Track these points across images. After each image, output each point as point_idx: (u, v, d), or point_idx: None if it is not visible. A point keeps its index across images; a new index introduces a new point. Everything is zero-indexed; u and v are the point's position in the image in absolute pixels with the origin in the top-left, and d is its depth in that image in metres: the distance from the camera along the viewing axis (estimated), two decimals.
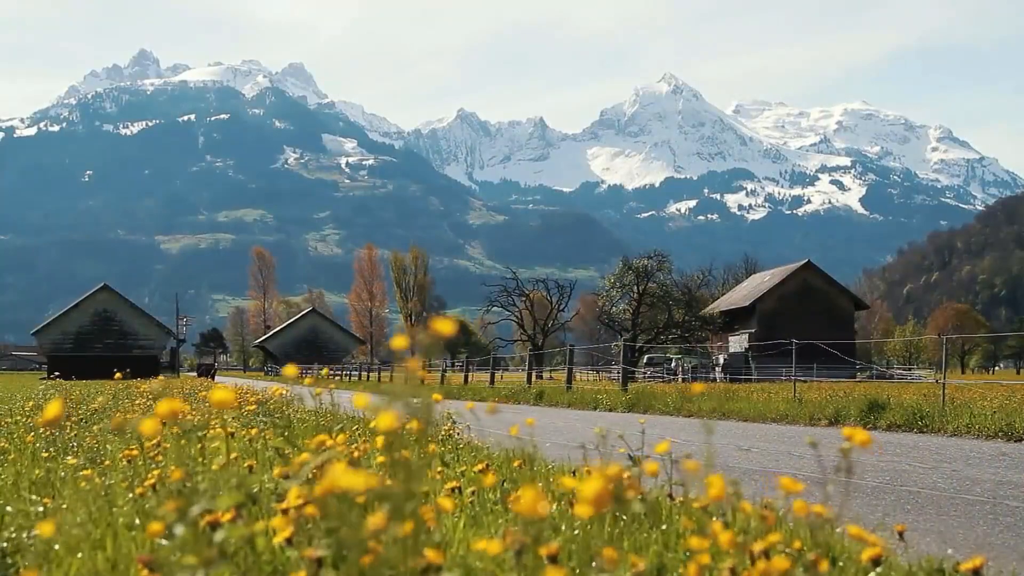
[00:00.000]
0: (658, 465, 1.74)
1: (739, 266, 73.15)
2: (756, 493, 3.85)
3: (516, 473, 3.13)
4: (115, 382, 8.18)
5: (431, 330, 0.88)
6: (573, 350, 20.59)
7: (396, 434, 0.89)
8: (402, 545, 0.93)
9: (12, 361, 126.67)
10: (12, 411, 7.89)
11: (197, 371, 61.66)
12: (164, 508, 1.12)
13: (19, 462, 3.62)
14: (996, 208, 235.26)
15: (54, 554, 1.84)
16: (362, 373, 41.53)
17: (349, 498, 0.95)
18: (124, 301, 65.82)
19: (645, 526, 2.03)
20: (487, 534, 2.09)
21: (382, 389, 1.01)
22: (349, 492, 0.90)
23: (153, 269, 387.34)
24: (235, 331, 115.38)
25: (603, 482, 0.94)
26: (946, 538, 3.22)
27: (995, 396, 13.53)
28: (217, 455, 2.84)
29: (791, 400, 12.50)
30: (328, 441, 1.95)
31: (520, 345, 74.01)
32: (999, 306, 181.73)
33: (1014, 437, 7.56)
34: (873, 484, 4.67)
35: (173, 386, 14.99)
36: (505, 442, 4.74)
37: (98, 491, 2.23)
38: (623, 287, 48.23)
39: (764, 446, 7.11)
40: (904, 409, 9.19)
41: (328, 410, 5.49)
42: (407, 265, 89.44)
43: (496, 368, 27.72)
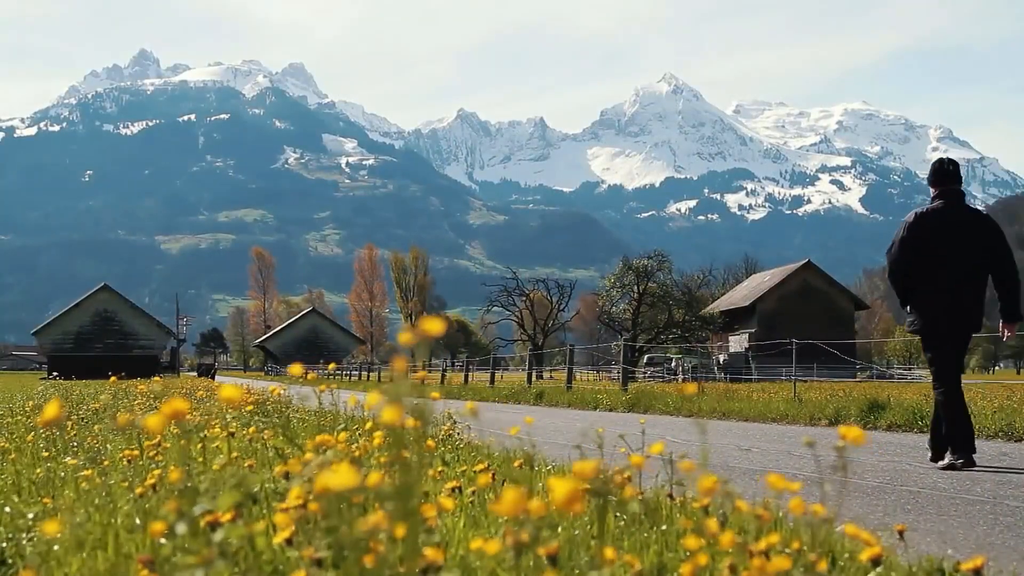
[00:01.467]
0: (643, 459, 1.75)
1: (739, 266, 73.17)
2: (756, 493, 3.85)
3: (516, 473, 3.13)
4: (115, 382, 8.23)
5: (420, 329, 0.89)
6: (573, 350, 20.59)
7: (396, 431, 0.90)
8: (401, 545, 0.93)
9: (12, 361, 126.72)
10: (12, 411, 7.89)
11: (197, 371, 61.66)
12: (164, 508, 1.13)
13: (19, 462, 3.62)
14: (996, 208, 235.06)
15: (54, 554, 1.84)
16: (362, 373, 41.57)
17: (348, 497, 0.95)
18: (124, 301, 65.85)
19: (645, 526, 2.03)
20: (487, 534, 2.09)
21: (381, 388, 1.01)
22: (346, 492, 0.91)
23: (153, 269, 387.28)
24: (235, 331, 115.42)
25: (576, 483, 0.95)
26: (946, 538, 3.22)
27: (995, 396, 13.54)
28: (218, 455, 2.84)
29: (791, 400, 12.50)
30: (329, 440, 1.95)
31: (520, 345, 74.03)
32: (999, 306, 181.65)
33: (1014, 437, 7.56)
34: (873, 484, 4.67)
35: (172, 386, 15.00)
36: (506, 442, 4.74)
37: (98, 491, 2.23)
38: (623, 287, 48.23)
39: (764, 446, 7.12)
40: (904, 409, 9.20)
41: (328, 409, 5.49)
42: (407, 265, 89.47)
43: (496, 368, 27.72)
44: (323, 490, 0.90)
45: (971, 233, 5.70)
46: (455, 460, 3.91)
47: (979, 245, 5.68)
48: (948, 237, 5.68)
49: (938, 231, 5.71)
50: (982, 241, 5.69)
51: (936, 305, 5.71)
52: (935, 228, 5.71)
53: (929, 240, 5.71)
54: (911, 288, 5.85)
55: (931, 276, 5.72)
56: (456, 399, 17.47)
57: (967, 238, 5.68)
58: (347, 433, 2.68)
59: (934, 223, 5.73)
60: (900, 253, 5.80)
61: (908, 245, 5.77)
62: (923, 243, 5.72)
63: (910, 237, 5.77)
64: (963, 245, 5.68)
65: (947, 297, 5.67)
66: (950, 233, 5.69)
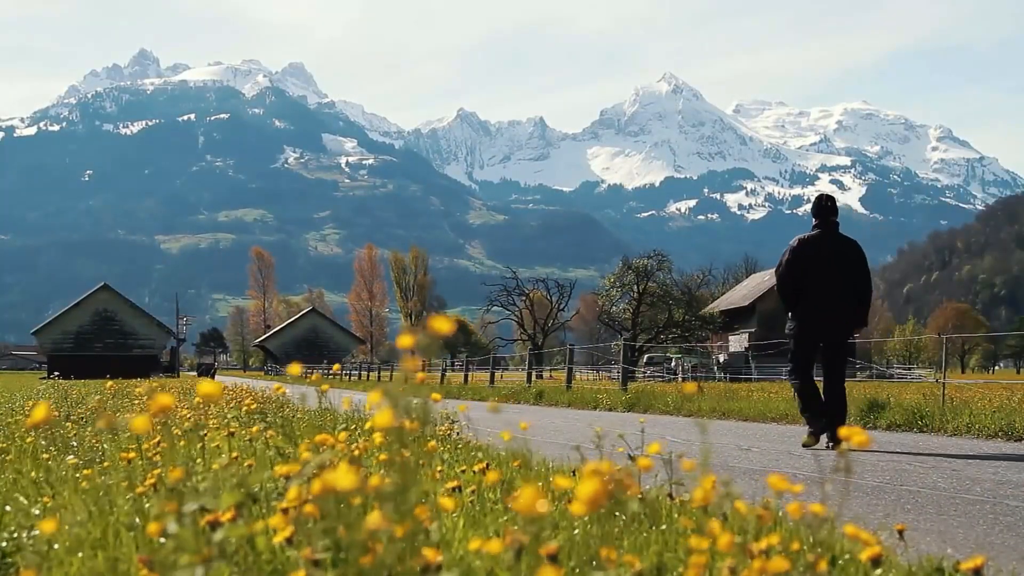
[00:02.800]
0: (652, 462, 1.75)
1: (739, 266, 73.14)
2: (757, 493, 3.85)
3: (516, 473, 3.13)
4: (114, 381, 8.24)
5: (429, 329, 0.88)
6: (573, 350, 20.58)
7: (395, 432, 0.89)
8: (401, 545, 0.93)
9: (12, 361, 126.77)
10: (12, 411, 7.89)
11: (197, 371, 61.73)
12: (164, 508, 1.12)
13: (19, 462, 3.62)
14: (996, 208, 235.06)
15: (54, 554, 1.84)
16: (362, 373, 41.58)
17: (346, 498, 0.94)
18: (124, 301, 65.85)
19: (645, 525, 2.03)
20: (487, 534, 2.09)
21: (380, 388, 1.02)
22: (345, 492, 0.91)
23: (153, 269, 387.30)
24: (235, 331, 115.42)
25: (600, 482, 0.94)
26: (946, 538, 3.22)
27: (995, 396, 13.53)
28: (219, 455, 2.85)
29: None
30: (328, 439, 1.95)
31: (520, 345, 74.03)
32: (999, 306, 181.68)
33: (1014, 437, 7.56)
34: (873, 484, 4.67)
35: (166, 388, 15.00)
36: (505, 442, 4.73)
37: (98, 490, 2.23)
38: (623, 287, 48.24)
39: (765, 446, 7.12)
40: (904, 409, 9.19)
41: (327, 408, 5.49)
42: (407, 265, 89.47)
43: (496, 368, 27.71)
44: (321, 490, 0.90)
45: (843, 258, 6.90)
46: (455, 460, 3.91)
47: (848, 268, 6.89)
48: (824, 260, 6.88)
49: (816, 255, 6.90)
50: (851, 265, 6.90)
51: (813, 315, 6.90)
52: (814, 253, 6.91)
53: (810, 262, 6.89)
54: (795, 300, 7.00)
55: (810, 291, 6.88)
56: (456, 399, 17.48)
57: (839, 262, 6.88)
58: (347, 432, 2.68)
59: (813, 248, 6.92)
60: (786, 272, 7.01)
61: (792, 265, 6.97)
62: (804, 264, 6.90)
63: (794, 259, 6.97)
64: (836, 267, 6.88)
65: (822, 309, 6.86)
66: (826, 257, 6.88)
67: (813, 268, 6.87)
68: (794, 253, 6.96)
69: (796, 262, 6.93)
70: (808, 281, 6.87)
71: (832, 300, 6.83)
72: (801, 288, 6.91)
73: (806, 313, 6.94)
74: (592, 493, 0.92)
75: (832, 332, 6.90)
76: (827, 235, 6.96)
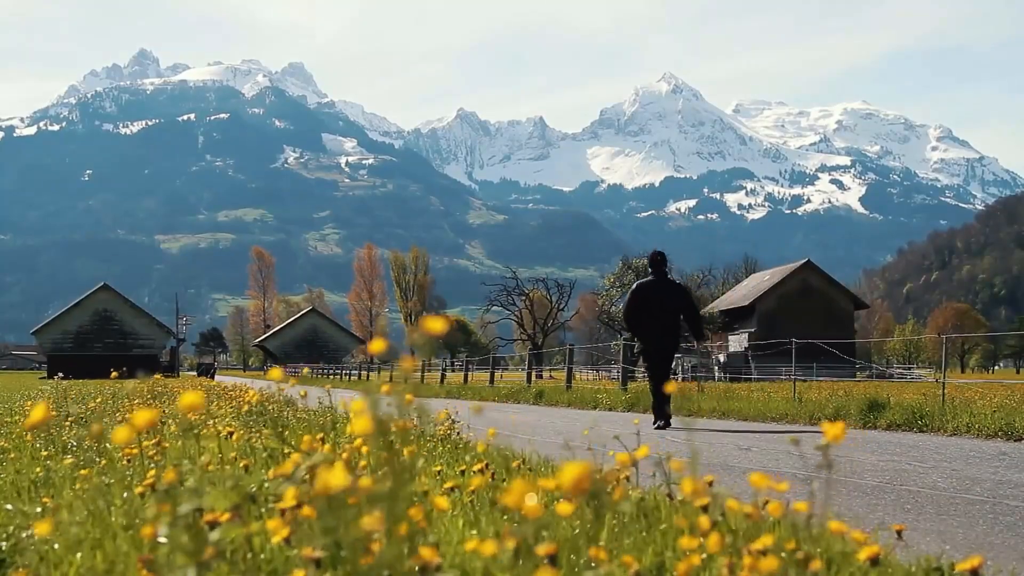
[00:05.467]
0: (643, 458, 1.74)
1: (739, 266, 73.07)
2: (756, 492, 3.85)
3: (514, 472, 3.13)
4: (113, 381, 8.26)
5: (423, 328, 0.87)
6: (573, 349, 20.57)
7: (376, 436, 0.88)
8: (395, 545, 0.92)
9: (12, 360, 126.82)
10: (12, 410, 7.89)
11: (197, 370, 61.69)
12: (161, 508, 1.12)
13: (18, 461, 3.62)
14: (996, 208, 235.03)
15: (53, 553, 1.84)
16: (361, 372, 41.57)
17: (343, 498, 0.94)
18: (124, 301, 65.85)
19: (644, 525, 2.03)
20: (484, 534, 2.08)
21: (364, 388, 1.02)
22: (341, 492, 0.91)
23: (153, 269, 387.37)
24: (235, 331, 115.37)
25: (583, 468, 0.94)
26: (945, 538, 3.22)
27: (995, 396, 13.53)
28: (217, 455, 2.84)
29: (791, 399, 12.49)
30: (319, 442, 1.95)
31: (520, 344, 74.05)
32: (999, 306, 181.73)
33: (1014, 437, 7.56)
34: (873, 484, 4.67)
35: (151, 386, 15.02)
36: (506, 442, 4.74)
37: (96, 490, 2.23)
38: (623, 286, 48.28)
39: (764, 445, 7.11)
40: (904, 408, 9.18)
41: (326, 408, 5.49)
42: (407, 265, 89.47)
43: (496, 367, 27.69)
44: (318, 491, 0.90)
45: (670, 297, 9.50)
46: (453, 460, 3.91)
47: (675, 304, 9.52)
48: (656, 299, 9.42)
49: (651, 296, 9.44)
50: (676, 301, 9.55)
51: (651, 338, 9.48)
52: (649, 294, 9.46)
53: (647, 300, 9.43)
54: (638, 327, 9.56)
55: (647, 321, 9.43)
56: (455, 399, 17.48)
57: (668, 300, 9.47)
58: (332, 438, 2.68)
59: (649, 290, 9.48)
60: (630, 308, 9.58)
61: (634, 303, 9.52)
62: (643, 302, 9.45)
63: (635, 298, 9.52)
64: (665, 303, 9.44)
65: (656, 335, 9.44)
66: (658, 297, 9.44)
67: (649, 304, 9.40)
68: (635, 294, 9.54)
69: (636, 300, 9.47)
70: (643, 315, 9.41)
71: (663, 326, 9.41)
72: (640, 320, 9.43)
73: (646, 335, 9.50)
74: (575, 478, 0.92)
75: (663, 347, 9.48)
76: (659, 280, 9.53)
